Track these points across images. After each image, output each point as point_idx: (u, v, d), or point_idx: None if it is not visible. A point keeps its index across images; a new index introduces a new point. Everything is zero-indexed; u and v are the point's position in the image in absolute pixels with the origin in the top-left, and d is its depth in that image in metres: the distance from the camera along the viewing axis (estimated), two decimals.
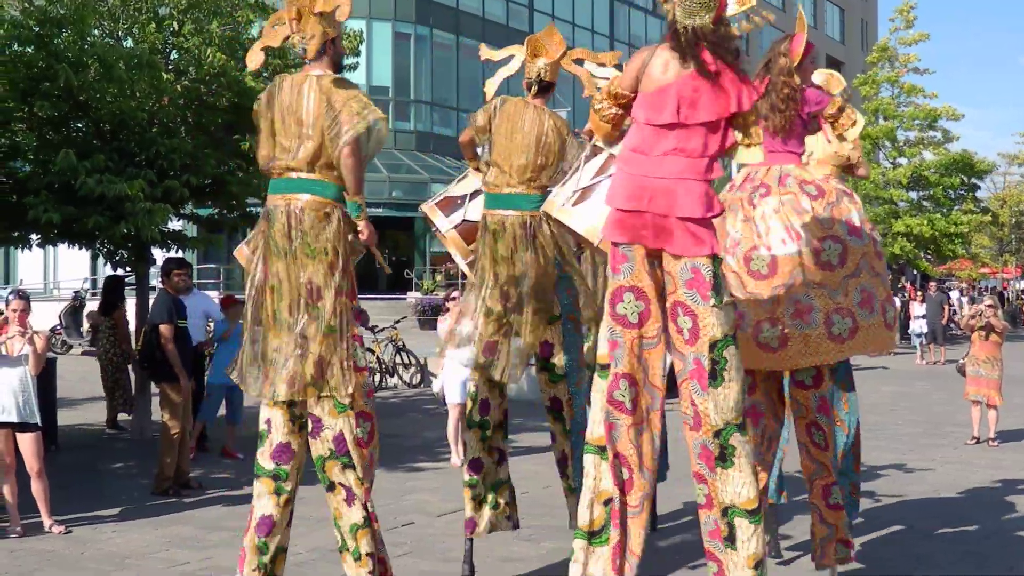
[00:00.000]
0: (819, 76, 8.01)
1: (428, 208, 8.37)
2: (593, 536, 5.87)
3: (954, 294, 39.16)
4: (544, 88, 7.99)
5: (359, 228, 6.43)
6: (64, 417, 15.11)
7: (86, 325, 28.93)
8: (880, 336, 6.86)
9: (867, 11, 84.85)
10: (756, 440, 6.86)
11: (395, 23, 43.12)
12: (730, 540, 5.70)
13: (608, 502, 5.84)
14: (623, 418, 5.82)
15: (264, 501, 6.53)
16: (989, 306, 15.45)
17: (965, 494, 11.66)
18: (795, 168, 6.98)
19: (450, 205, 8.25)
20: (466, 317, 12.93)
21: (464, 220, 8.11)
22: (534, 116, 7.75)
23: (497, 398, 8.03)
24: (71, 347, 28.60)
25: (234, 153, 14.65)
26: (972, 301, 37.04)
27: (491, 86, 8.21)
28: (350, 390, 6.32)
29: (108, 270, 17.08)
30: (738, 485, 5.69)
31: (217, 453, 13.60)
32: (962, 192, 42.23)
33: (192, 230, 16.68)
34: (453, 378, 13.43)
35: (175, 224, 15.52)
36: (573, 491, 7.90)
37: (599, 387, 5.93)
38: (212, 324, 14.45)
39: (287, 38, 6.53)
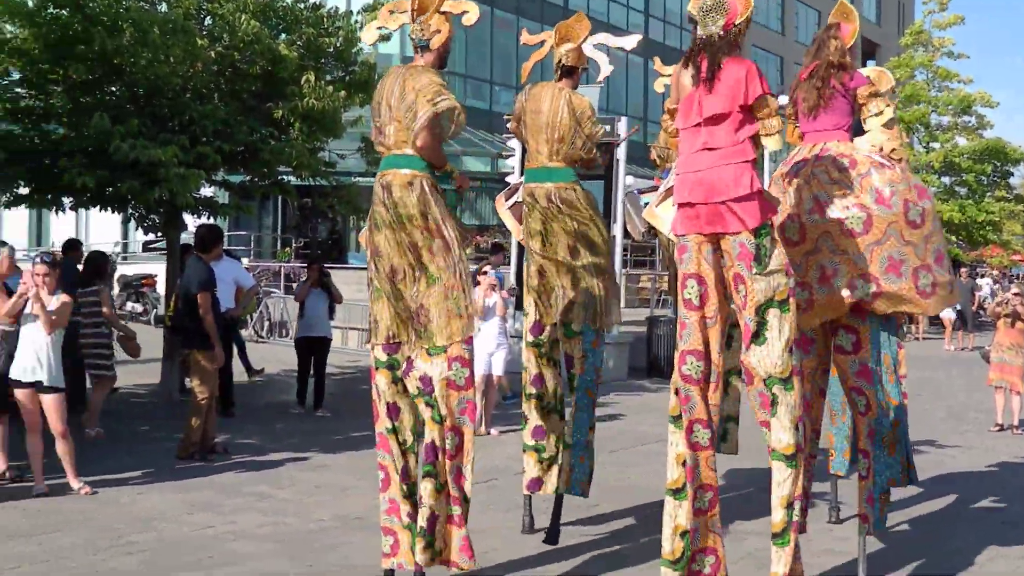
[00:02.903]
0: (871, 73, 8.19)
1: (498, 199, 9.09)
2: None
3: (985, 282, 38.76)
4: (567, 71, 8.64)
5: (455, 179, 7.28)
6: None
7: (117, 288, 29.10)
8: (909, 300, 7.09)
9: None
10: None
11: None
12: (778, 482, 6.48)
13: (684, 534, 6.52)
14: (695, 389, 6.50)
15: (389, 458, 7.15)
16: (1016, 294, 15.44)
17: (986, 480, 11.63)
18: (834, 143, 7.33)
19: (513, 192, 8.93)
20: (497, 292, 13.47)
21: (517, 202, 8.75)
22: (554, 96, 8.40)
23: (550, 369, 8.64)
24: None
25: (266, 121, 14.67)
26: (1002, 288, 36.87)
27: (525, 69, 8.98)
28: (446, 335, 6.85)
29: (140, 235, 17.19)
30: (778, 431, 6.41)
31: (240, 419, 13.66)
32: (995, 179, 41.93)
33: (224, 196, 16.69)
34: (479, 350, 13.45)
35: (207, 190, 15.57)
36: (567, 446, 8.58)
37: (675, 366, 6.62)
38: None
39: (405, 25, 7.22)
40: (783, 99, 7.47)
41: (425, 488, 6.84)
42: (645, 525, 8.97)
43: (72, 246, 15.65)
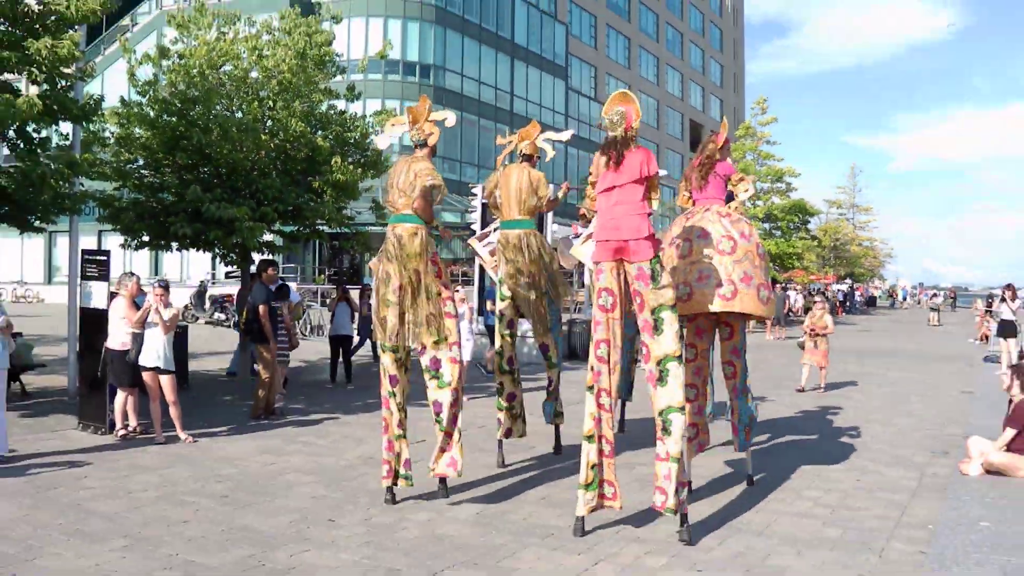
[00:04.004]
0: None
1: (472, 240, 9.59)
2: (588, 486, 6.60)
3: (791, 293, 39.39)
4: (526, 157, 9.11)
5: (441, 231, 7.75)
6: (193, 365, 15.19)
7: (208, 304, 28.92)
8: (753, 302, 7.32)
9: (738, 102, 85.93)
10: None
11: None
12: (665, 431, 6.45)
13: (595, 467, 6.60)
14: (604, 367, 6.59)
15: (388, 412, 7.41)
16: (818, 302, 16.59)
17: (793, 424, 11.83)
18: (716, 206, 7.78)
19: (484, 237, 9.51)
20: (465, 303, 13.45)
21: (489, 242, 9.29)
22: (519, 173, 8.85)
23: (513, 351, 8.98)
24: (198, 319, 28.57)
25: (308, 190, 14.70)
26: (806, 298, 37.49)
27: (499, 160, 9.50)
28: (443, 329, 7.25)
29: (222, 267, 17.14)
30: (672, 393, 6.42)
31: (294, 392, 13.63)
32: (799, 225, 42.74)
33: (279, 240, 16.70)
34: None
35: (268, 236, 15.59)
36: (559, 415, 9.29)
37: (590, 351, 6.66)
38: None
39: (404, 133, 7.67)
40: (664, 171, 7.77)
41: (436, 428, 7.29)
42: (567, 461, 9.11)
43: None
